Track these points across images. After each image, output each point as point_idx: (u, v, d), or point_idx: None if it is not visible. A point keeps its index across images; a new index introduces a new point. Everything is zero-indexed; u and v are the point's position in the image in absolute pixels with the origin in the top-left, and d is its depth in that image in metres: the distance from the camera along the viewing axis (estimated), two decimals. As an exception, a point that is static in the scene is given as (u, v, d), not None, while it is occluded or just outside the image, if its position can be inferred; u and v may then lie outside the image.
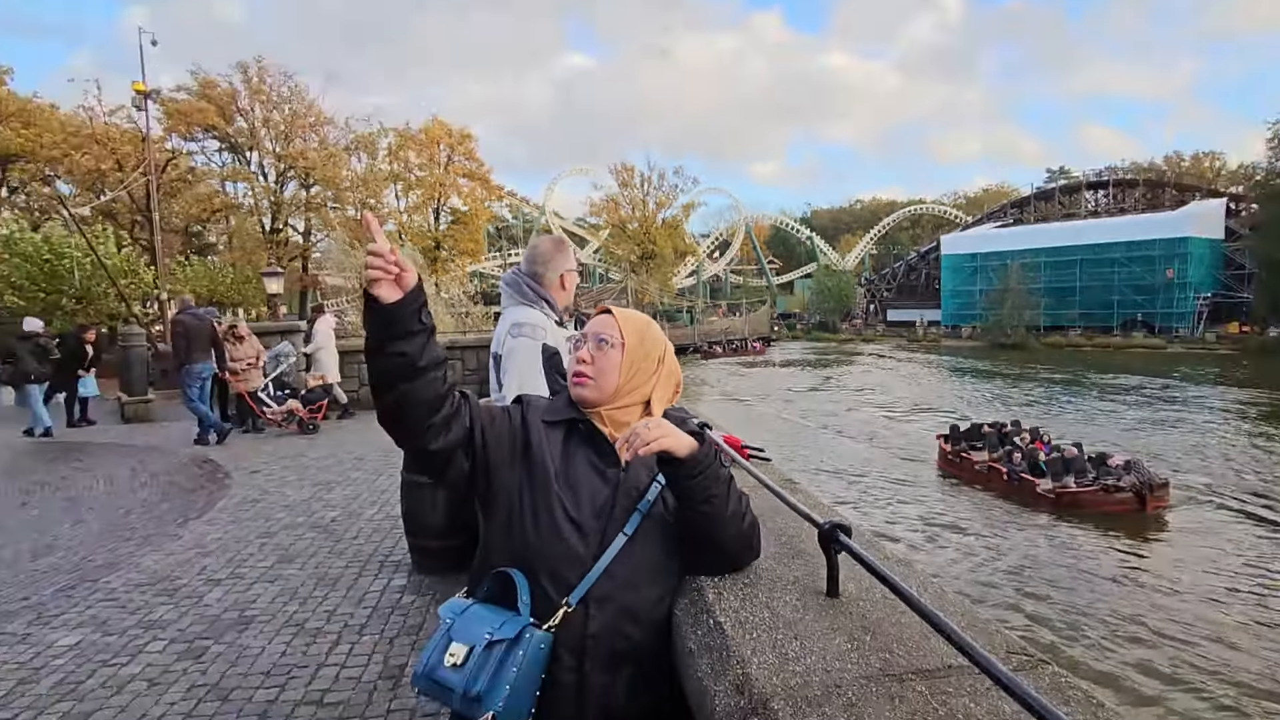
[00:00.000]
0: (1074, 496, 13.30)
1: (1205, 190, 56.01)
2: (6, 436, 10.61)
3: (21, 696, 3.29)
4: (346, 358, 12.56)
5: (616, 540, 1.35)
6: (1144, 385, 31.25)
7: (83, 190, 34.05)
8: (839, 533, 1.40)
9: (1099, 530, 12.30)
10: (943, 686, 1.09)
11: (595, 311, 1.59)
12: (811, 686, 1.10)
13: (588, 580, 1.32)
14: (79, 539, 5.62)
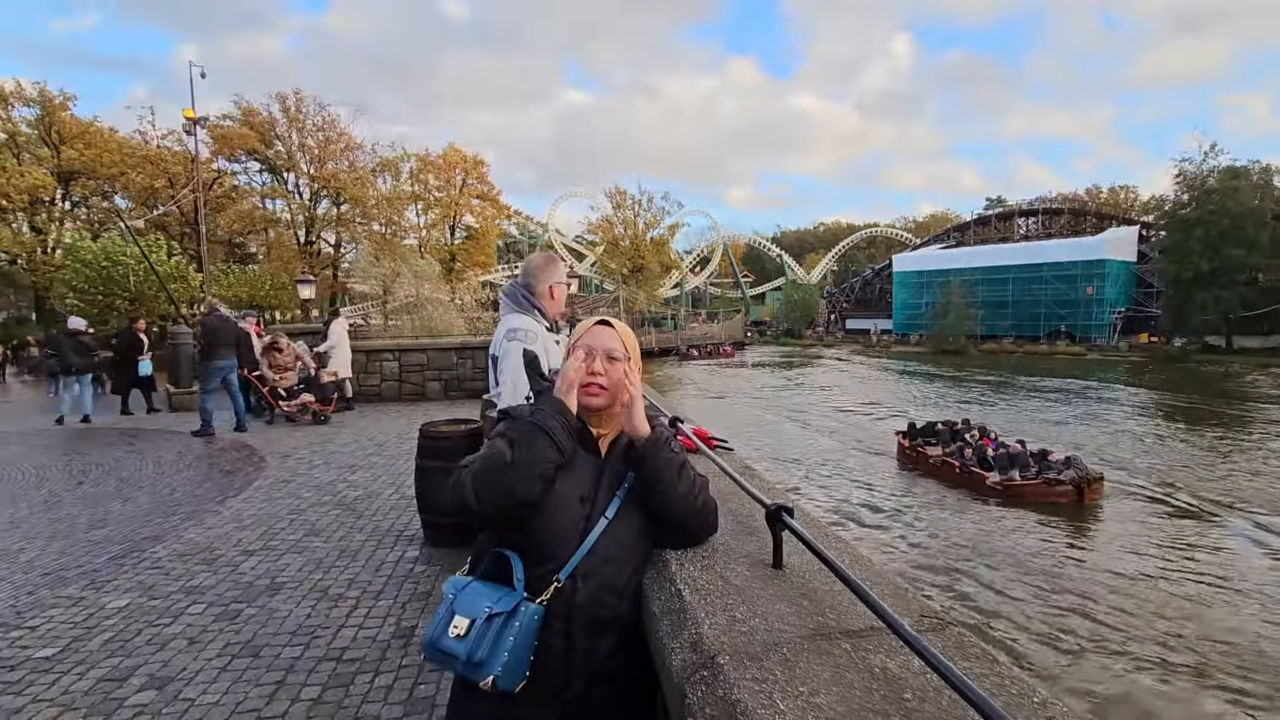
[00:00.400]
0: (1019, 489, 13.24)
1: (1121, 219, 56.59)
2: (69, 424, 10.50)
3: (76, 652, 3.28)
4: (371, 356, 12.54)
5: (599, 523, 1.38)
6: (1067, 387, 31.55)
7: (138, 205, 33.67)
8: (783, 513, 1.43)
9: (1039, 518, 12.33)
10: (864, 645, 1.12)
11: (591, 322, 1.54)
12: (754, 644, 1.13)
13: (575, 558, 1.34)
14: (129, 514, 5.57)
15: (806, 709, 0.94)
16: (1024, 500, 13.06)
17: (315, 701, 2.86)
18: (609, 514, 1.40)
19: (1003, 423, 21.28)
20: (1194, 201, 41.80)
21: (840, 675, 1.02)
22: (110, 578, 4.19)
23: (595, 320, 1.55)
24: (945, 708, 0.93)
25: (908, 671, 1.03)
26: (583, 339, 1.50)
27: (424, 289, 23.76)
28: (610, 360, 1.47)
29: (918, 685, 0.99)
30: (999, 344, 51.85)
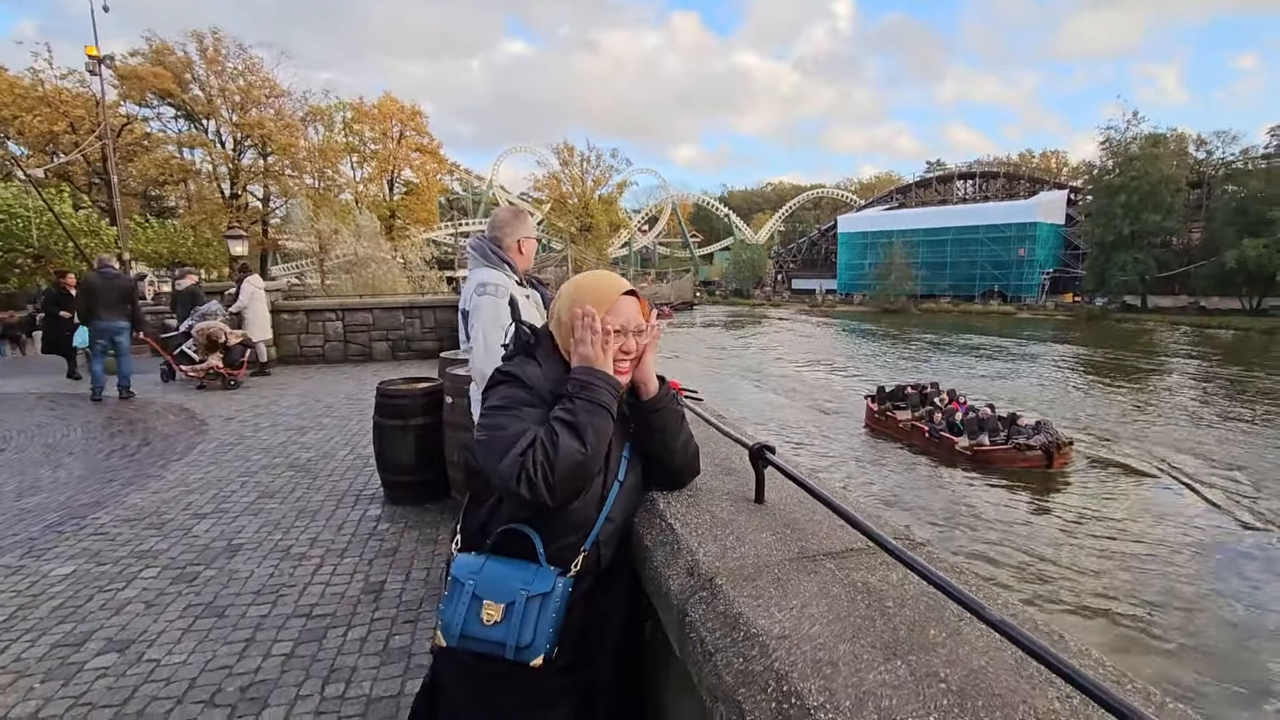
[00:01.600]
0: (988, 454, 13.10)
1: (1052, 183, 59.10)
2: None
3: (23, 620, 3.17)
4: (312, 316, 12.09)
5: (613, 489, 1.39)
6: (998, 344, 33.29)
7: (36, 152, 30.91)
8: (765, 451, 1.53)
9: (1007, 483, 12.37)
10: (846, 564, 1.24)
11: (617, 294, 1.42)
12: (746, 567, 1.23)
13: (596, 527, 1.35)
14: (62, 481, 5.31)
15: (800, 617, 1.04)
16: (993, 465, 13.04)
17: (288, 656, 2.87)
18: (620, 477, 1.41)
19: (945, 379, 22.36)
20: (1118, 168, 43.98)
21: (827, 590, 1.14)
22: (50, 545, 4.03)
23: (622, 292, 1.43)
24: (923, 611, 1.05)
25: (886, 584, 1.15)
26: (613, 316, 1.40)
27: (364, 246, 22.91)
28: (638, 334, 1.42)
29: (896, 595, 1.11)
30: (937, 303, 54.01)
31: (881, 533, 1.11)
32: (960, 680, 0.88)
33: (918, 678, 0.88)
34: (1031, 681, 0.87)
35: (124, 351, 8.62)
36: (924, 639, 0.98)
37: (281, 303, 12.12)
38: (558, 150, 56.69)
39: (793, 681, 0.89)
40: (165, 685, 2.67)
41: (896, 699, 0.84)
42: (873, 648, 0.95)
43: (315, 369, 11.24)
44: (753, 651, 0.98)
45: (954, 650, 0.95)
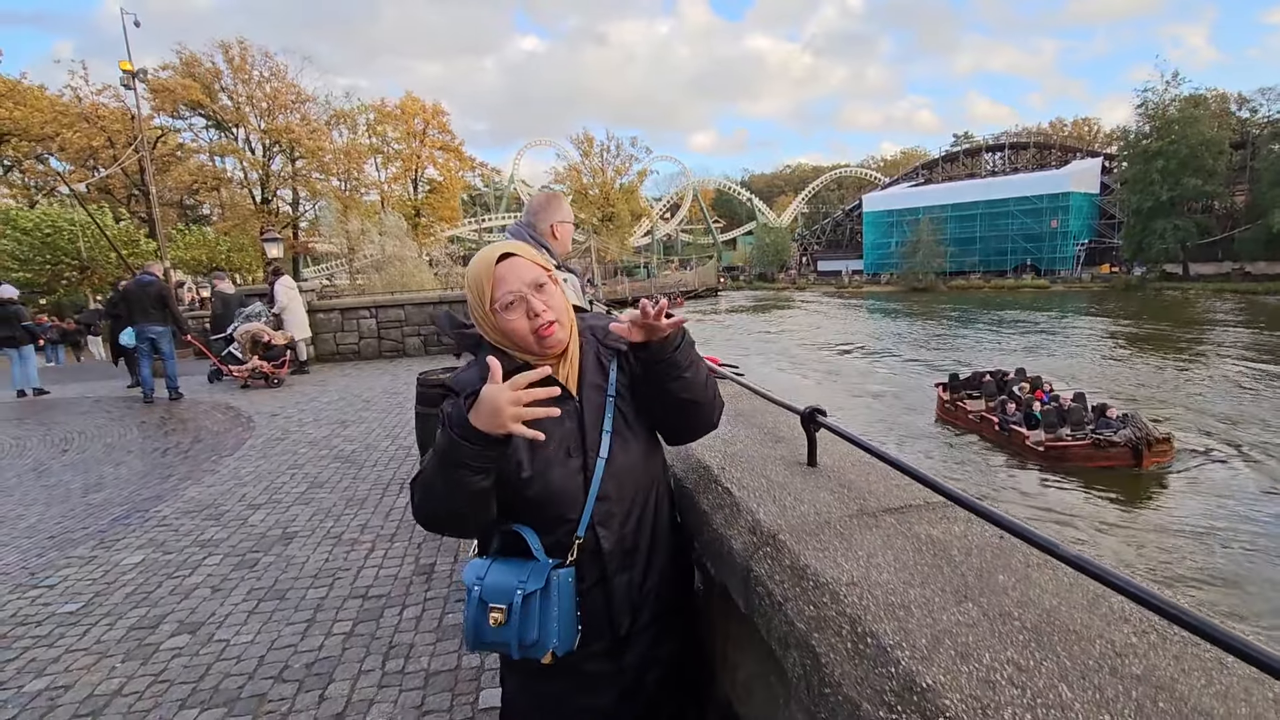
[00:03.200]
0: (1062, 450, 11.33)
1: (1085, 151, 57.26)
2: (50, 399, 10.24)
3: (100, 605, 3.34)
4: (346, 314, 12.35)
5: (598, 466, 1.27)
6: (1031, 318, 32.50)
7: (77, 167, 31.96)
8: (817, 415, 1.54)
9: (1082, 484, 10.65)
10: (907, 519, 1.24)
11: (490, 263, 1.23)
12: (808, 524, 1.24)
13: (586, 513, 1.26)
14: (124, 477, 5.55)
15: (868, 567, 1.06)
16: (1069, 464, 11.25)
17: (348, 635, 2.98)
18: (603, 453, 1.28)
19: (979, 357, 21.83)
20: (1155, 132, 42.41)
21: (890, 542, 1.15)
22: (119, 536, 4.22)
23: (495, 258, 1.23)
24: (989, 559, 1.06)
25: (950, 535, 1.16)
26: (499, 290, 1.21)
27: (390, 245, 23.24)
28: (539, 289, 1.23)
29: (961, 545, 1.12)
30: (967, 279, 52.87)
31: (950, 486, 1.12)
32: (1035, 619, 0.89)
33: (991, 618, 0.90)
34: (1106, 619, 0.88)
35: (168, 354, 8.93)
36: (993, 583, 0.98)
37: (317, 302, 12.40)
38: (577, 141, 56.79)
39: (867, 623, 0.90)
40: (236, 663, 2.79)
41: (972, 637, 0.86)
42: (943, 592, 0.97)
43: (351, 365, 11.50)
44: (824, 598, 1.00)
45: (1025, 593, 0.95)
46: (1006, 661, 0.80)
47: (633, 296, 45.28)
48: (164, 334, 8.87)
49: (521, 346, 1.24)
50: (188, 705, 2.52)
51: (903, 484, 1.41)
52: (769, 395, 1.88)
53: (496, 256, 1.23)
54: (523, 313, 1.21)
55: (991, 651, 0.82)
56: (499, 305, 1.21)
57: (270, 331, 9.88)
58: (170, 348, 8.99)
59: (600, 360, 1.36)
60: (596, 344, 1.37)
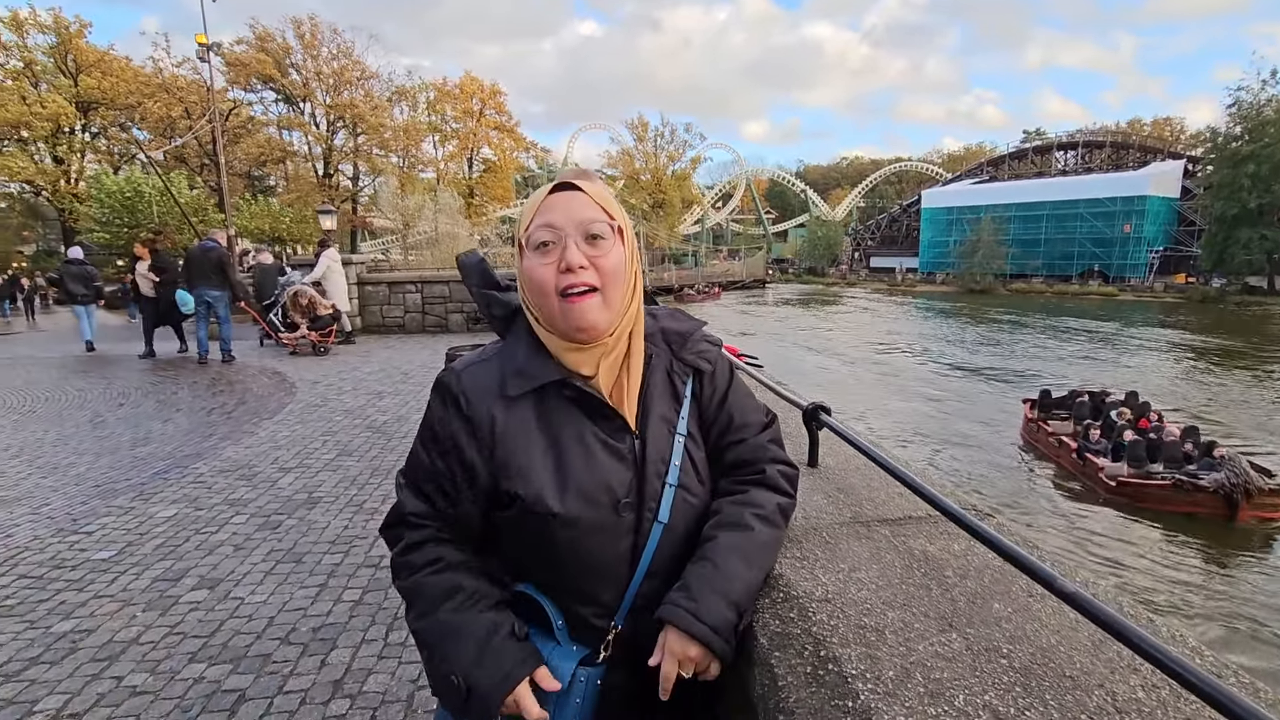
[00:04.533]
0: (1137, 488, 9.61)
1: (1166, 153, 53.96)
2: (125, 352, 10.79)
3: (131, 555, 3.46)
4: (394, 288, 12.60)
5: (654, 532, 0.94)
6: (1102, 326, 30.94)
7: (156, 135, 33.51)
8: (820, 412, 1.43)
9: (1162, 530, 8.96)
10: (902, 531, 1.13)
11: (544, 190, 0.95)
12: (793, 529, 1.14)
13: (630, 592, 0.95)
14: (169, 433, 5.78)
15: (847, 581, 0.96)
16: (1144, 505, 9.53)
17: (356, 603, 3.01)
18: (663, 517, 0.94)
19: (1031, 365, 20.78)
20: (1247, 134, 39.56)
21: (879, 555, 1.04)
22: (157, 490, 4.39)
23: (549, 186, 0.96)
24: (987, 584, 0.95)
25: (947, 554, 1.04)
26: (535, 219, 0.92)
27: (444, 223, 23.66)
28: (592, 240, 0.91)
29: (958, 566, 1.00)
30: (1029, 283, 50.70)
31: (947, 500, 1.00)
32: (1026, 658, 0.77)
33: (975, 652, 0.79)
34: (1111, 665, 0.76)
35: (223, 318, 9.27)
36: (986, 612, 0.87)
37: (366, 275, 12.69)
38: (632, 126, 56.47)
39: (831, 647, 0.81)
40: (248, 621, 2.85)
41: (949, 672, 0.75)
42: (926, 617, 0.86)
43: (395, 338, 11.74)
44: (790, 614, 0.90)
45: (1020, 626, 0.84)
46: (983, 706, 0.70)
47: (679, 284, 45.10)
48: (221, 298, 9.20)
49: (543, 311, 0.92)
50: (197, 659, 2.58)
51: (906, 493, 1.29)
52: (775, 388, 1.77)
53: (556, 184, 0.94)
54: (555, 260, 0.89)
55: (968, 692, 0.72)
56: (531, 241, 0.91)
57: (316, 296, 10.17)
58: (226, 311, 9.33)
59: (673, 380, 1.00)
60: (670, 355, 1.02)
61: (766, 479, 1.01)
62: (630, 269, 0.95)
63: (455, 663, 0.91)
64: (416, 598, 0.97)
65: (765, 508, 0.98)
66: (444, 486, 0.96)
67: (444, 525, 0.99)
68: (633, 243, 0.97)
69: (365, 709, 2.31)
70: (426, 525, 0.99)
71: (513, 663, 0.91)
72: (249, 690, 2.40)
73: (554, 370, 0.93)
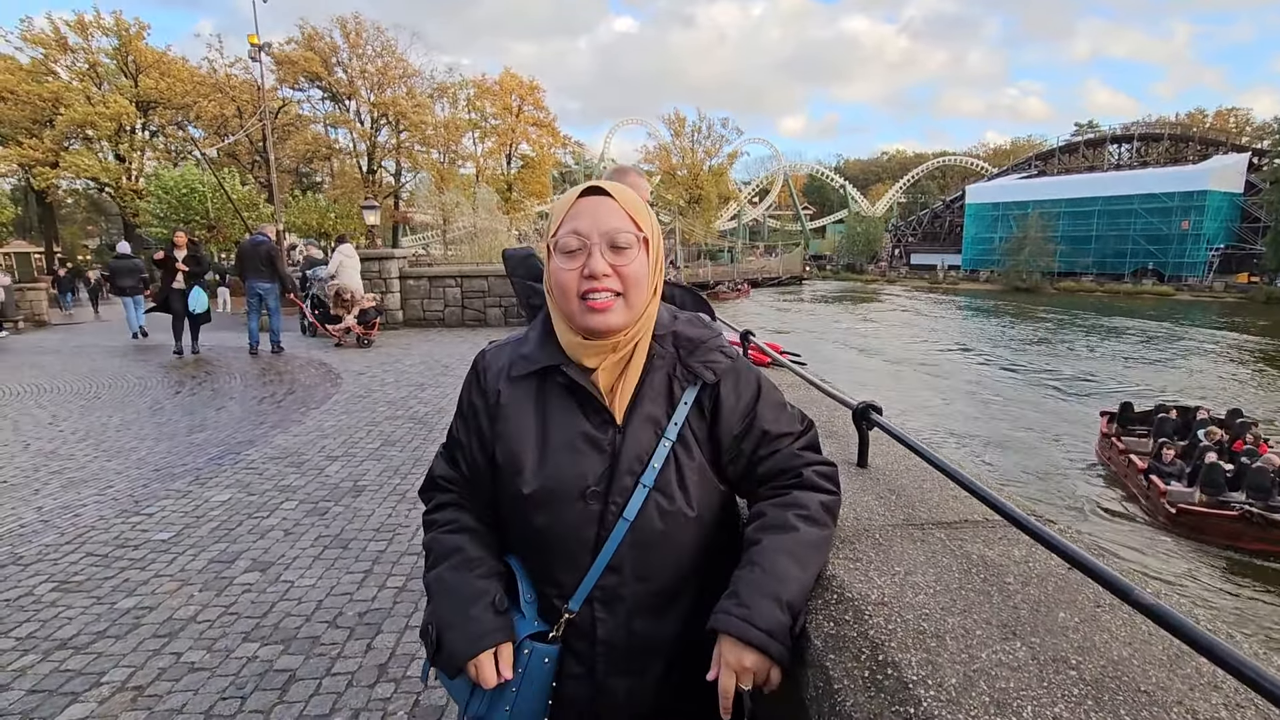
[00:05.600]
0: (1199, 518, 8.65)
1: (1229, 145, 51.28)
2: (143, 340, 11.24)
3: (189, 537, 3.61)
4: (434, 283, 12.81)
5: (617, 528, 0.95)
6: (1159, 328, 29.67)
7: (210, 133, 34.71)
8: (870, 411, 1.41)
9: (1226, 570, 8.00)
10: (959, 535, 1.10)
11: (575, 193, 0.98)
12: (844, 530, 1.13)
13: (587, 582, 0.97)
14: (223, 421, 6.00)
15: (904, 585, 0.94)
16: (1209, 538, 8.62)
17: (400, 590, 3.08)
18: (630, 513, 0.95)
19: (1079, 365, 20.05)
20: (1320, 124, 37.39)
21: (935, 559, 1.02)
22: (212, 475, 4.56)
23: (582, 191, 0.98)
24: (1051, 592, 0.91)
25: (1008, 559, 1.01)
26: (564, 224, 0.95)
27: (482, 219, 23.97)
28: (617, 250, 0.94)
29: (1019, 572, 0.97)
30: (1078, 281, 48.89)
31: (1007, 503, 0.97)
32: (1096, 671, 0.74)
33: (1041, 662, 0.76)
34: (1190, 682, 0.73)
35: (274, 310, 9.57)
36: (1051, 621, 0.84)
37: (407, 269, 12.94)
38: (669, 121, 56.26)
39: (889, 651, 0.79)
40: (297, 604, 2.94)
41: (1014, 682, 0.73)
42: (988, 624, 0.84)
43: (436, 332, 11.95)
44: (846, 616, 0.89)
45: (1088, 637, 0.81)
46: (1053, 718, 0.68)
47: (714, 280, 44.83)
48: (271, 290, 9.50)
49: (564, 309, 0.96)
50: (250, 638, 2.68)
51: (961, 496, 1.26)
52: (823, 387, 1.74)
53: (585, 189, 0.97)
54: (579, 266, 0.93)
55: (1036, 704, 0.70)
56: (558, 245, 0.95)
57: (358, 290, 10.43)
58: (276, 303, 9.63)
59: (671, 384, 1.01)
60: (674, 359, 1.02)
61: (805, 480, 1.02)
62: (652, 277, 0.98)
63: (438, 616, 1.01)
64: (429, 553, 1.08)
65: (809, 507, 0.98)
66: (466, 456, 1.06)
67: (466, 492, 1.09)
68: (658, 250, 0.99)
69: (409, 693, 2.37)
70: (451, 490, 1.10)
71: (483, 632, 0.97)
72: (299, 670, 2.48)
73: (554, 356, 0.99)
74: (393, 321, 12.06)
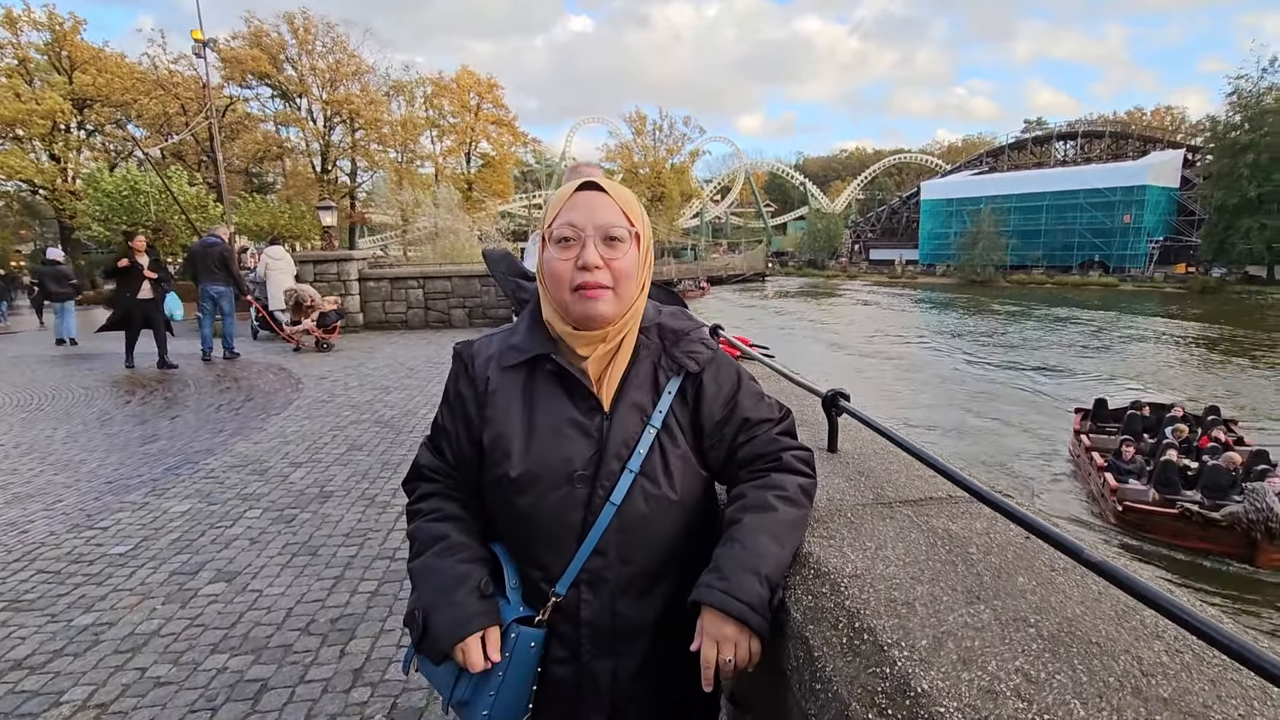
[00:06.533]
0: (1142, 515, 8.66)
1: (1165, 142, 53.83)
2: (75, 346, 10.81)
3: (147, 549, 3.51)
4: (396, 284, 12.60)
5: (604, 512, 0.98)
6: (1103, 317, 30.96)
7: (152, 132, 33.40)
8: (839, 399, 1.47)
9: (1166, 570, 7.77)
10: (925, 511, 1.17)
11: (570, 188, 1.01)
12: (818, 510, 1.18)
13: (574, 565, 0.99)
14: (178, 430, 5.81)
15: (875, 559, 0.99)
16: (1154, 537, 8.52)
17: (373, 594, 3.05)
18: (616, 498, 0.98)
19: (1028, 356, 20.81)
20: (1246, 123, 39.51)
21: (904, 534, 1.08)
22: (169, 486, 4.43)
23: (576, 184, 1.01)
24: (1010, 559, 0.98)
25: (970, 531, 1.08)
26: (560, 216, 0.99)
27: (443, 218, 23.65)
28: (610, 242, 0.98)
29: (981, 542, 1.04)
30: (1029, 274, 50.68)
31: (971, 479, 1.04)
32: (1053, 628, 0.81)
33: (1003, 622, 0.82)
34: (1135, 633, 0.80)
35: (227, 313, 9.32)
36: (1011, 585, 0.91)
37: (368, 271, 12.70)
38: (630, 119, 56.33)
39: (865, 618, 0.84)
40: (267, 613, 2.89)
41: (979, 641, 0.79)
42: (953, 590, 0.90)
43: (398, 334, 11.77)
44: (822, 589, 0.94)
45: (1045, 598, 0.87)
46: (1015, 671, 0.73)
47: (677, 278, 45.05)
48: (225, 293, 9.23)
49: (555, 298, 0.99)
50: (219, 650, 2.62)
51: (925, 476, 1.33)
52: (792, 377, 1.80)
53: (582, 183, 1.01)
54: (573, 256, 0.96)
55: (999, 659, 0.75)
56: (553, 235, 0.99)
57: (315, 294, 10.21)
58: (230, 306, 9.37)
59: (656, 373, 1.05)
60: (659, 349, 1.06)
61: (783, 464, 1.07)
62: (642, 271, 1.03)
63: (423, 601, 1.01)
64: (414, 541, 1.08)
65: (787, 489, 1.03)
66: (452, 444, 1.08)
67: (452, 482, 1.11)
68: (648, 246, 1.04)
69: (386, 696, 2.36)
70: (437, 479, 1.11)
71: (469, 616, 0.98)
72: (271, 680, 2.45)
73: (544, 345, 1.02)
74: (353, 325, 11.83)
